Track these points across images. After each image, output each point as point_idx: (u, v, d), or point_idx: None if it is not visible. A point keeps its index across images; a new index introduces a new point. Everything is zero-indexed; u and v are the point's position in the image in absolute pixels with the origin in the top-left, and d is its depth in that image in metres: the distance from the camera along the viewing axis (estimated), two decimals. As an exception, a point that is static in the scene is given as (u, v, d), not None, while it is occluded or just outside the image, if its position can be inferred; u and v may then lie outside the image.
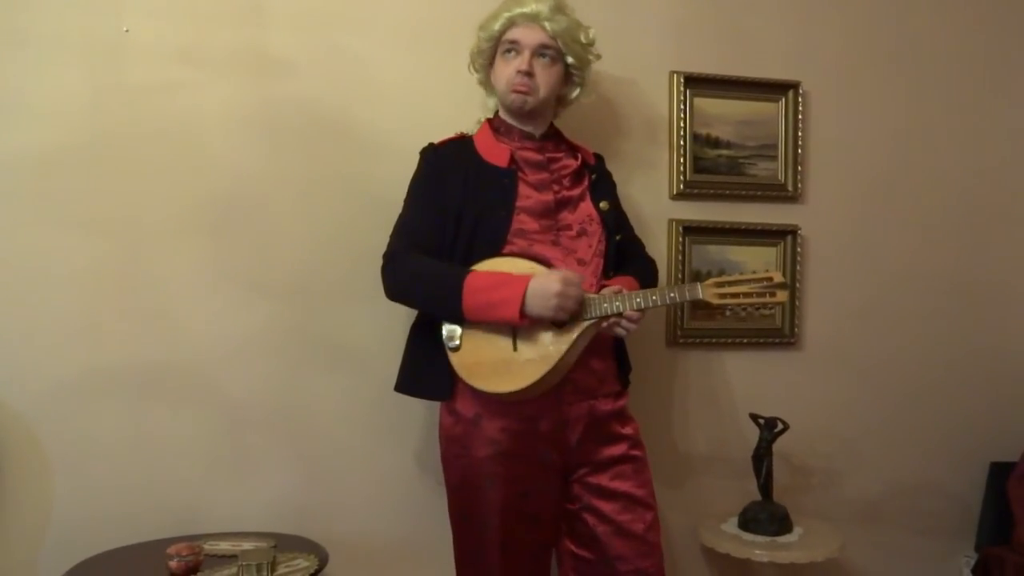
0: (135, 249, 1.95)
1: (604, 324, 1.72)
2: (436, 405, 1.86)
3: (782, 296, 1.71)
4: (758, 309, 1.71)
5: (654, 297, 1.70)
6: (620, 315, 1.71)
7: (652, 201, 2.26)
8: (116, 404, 1.93)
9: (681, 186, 2.28)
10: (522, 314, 1.64)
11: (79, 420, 1.91)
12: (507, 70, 1.82)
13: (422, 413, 2.04)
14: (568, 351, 1.69)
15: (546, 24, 1.80)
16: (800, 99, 2.34)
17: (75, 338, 1.91)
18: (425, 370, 1.81)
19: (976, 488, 2.52)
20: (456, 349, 1.73)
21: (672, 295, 1.72)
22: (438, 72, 2.08)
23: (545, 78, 1.82)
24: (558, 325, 1.69)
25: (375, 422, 2.07)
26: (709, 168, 2.31)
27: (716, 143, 2.31)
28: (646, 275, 1.96)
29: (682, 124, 2.27)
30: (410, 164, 1.88)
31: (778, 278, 1.71)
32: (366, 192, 2.05)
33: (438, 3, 2.11)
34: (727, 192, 2.32)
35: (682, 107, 2.27)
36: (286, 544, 1.81)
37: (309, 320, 2.04)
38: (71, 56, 1.91)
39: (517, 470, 1.75)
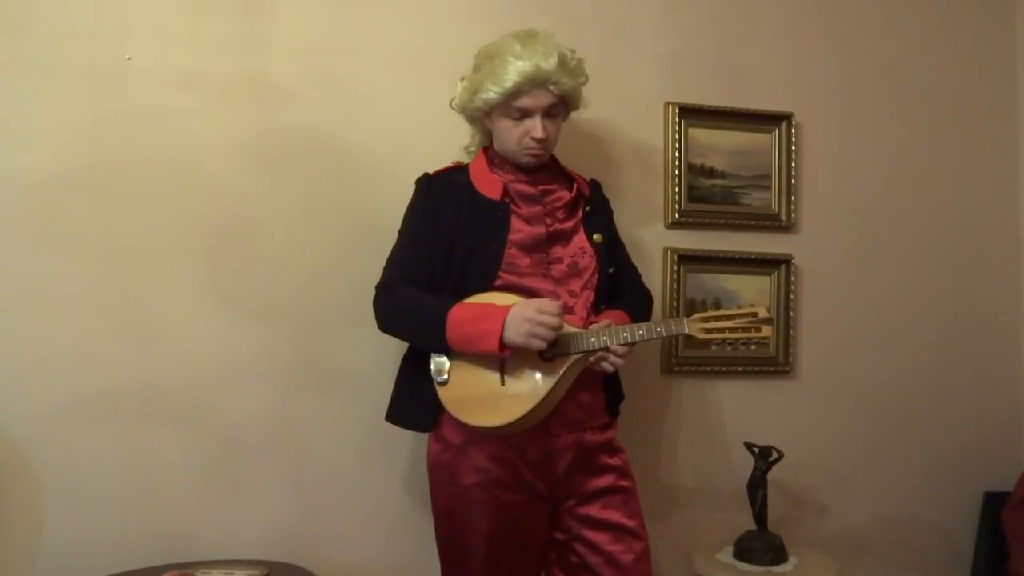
0: (132, 273, 1.96)
1: (591, 359, 1.72)
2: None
3: (766, 331, 1.72)
4: (743, 343, 1.72)
5: (640, 331, 1.70)
6: (607, 350, 1.71)
7: (647, 230, 2.28)
8: (110, 428, 1.93)
9: (676, 215, 2.30)
10: (502, 345, 1.64)
11: (73, 444, 1.91)
12: (516, 132, 1.79)
13: (415, 440, 2.03)
14: (555, 386, 1.69)
15: (553, 88, 1.76)
16: (793, 130, 2.38)
17: (70, 361, 1.91)
18: (411, 401, 1.82)
19: (970, 518, 2.52)
20: (444, 383, 1.73)
21: (659, 330, 1.73)
22: (437, 101, 2.09)
23: (554, 133, 1.82)
24: (545, 359, 1.70)
25: (369, 448, 2.07)
26: (704, 197, 2.33)
27: (710, 173, 2.34)
28: (638, 308, 1.94)
29: (677, 154, 2.30)
30: (407, 192, 1.89)
31: (763, 313, 1.72)
32: (363, 219, 2.07)
33: (437, 33, 2.15)
34: (721, 221, 2.34)
35: (677, 137, 2.30)
36: (278, 572, 1.80)
37: (304, 345, 2.05)
38: (74, 82, 1.93)
39: (503, 498, 1.74)
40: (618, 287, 1.93)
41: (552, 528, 1.83)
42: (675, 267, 2.28)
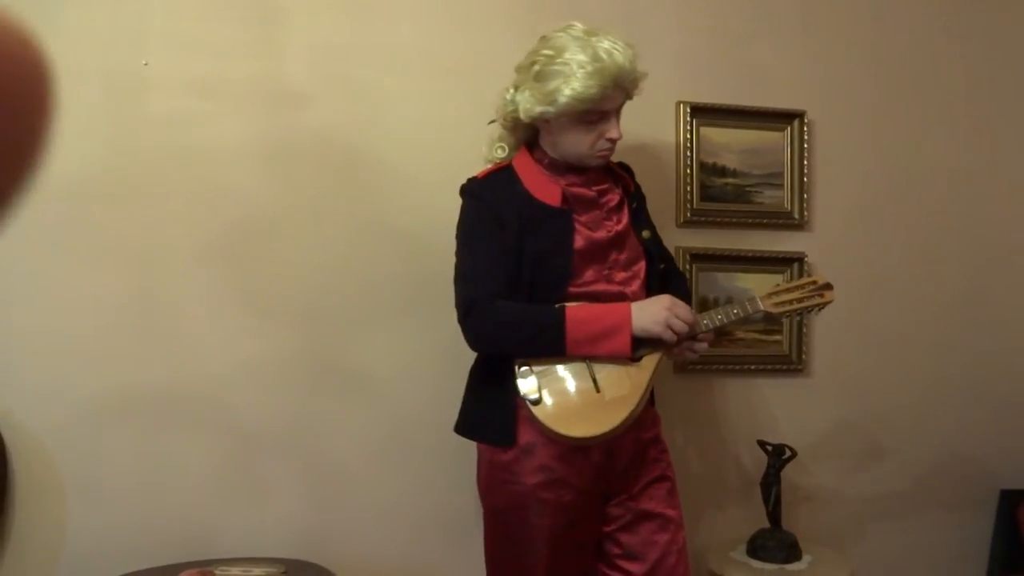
0: (150, 276, 1.99)
1: (675, 350, 1.74)
2: (448, 431, 1.86)
3: (830, 296, 1.77)
4: (809, 311, 1.78)
5: (719, 316, 1.75)
6: (693, 338, 1.74)
7: (660, 229, 2.26)
8: (130, 429, 1.96)
9: (688, 214, 2.30)
10: (632, 339, 1.66)
11: (94, 444, 1.94)
12: (590, 135, 1.73)
13: (434, 438, 2.05)
14: (649, 381, 1.70)
15: (629, 86, 1.74)
16: (805, 128, 2.37)
17: (90, 363, 1.94)
18: (489, 415, 1.76)
19: (986, 516, 2.51)
20: (537, 402, 1.68)
21: (736, 311, 1.77)
22: (451, 104, 2.12)
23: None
24: (633, 359, 1.70)
25: (386, 447, 2.09)
26: (716, 196, 2.33)
27: (723, 171, 2.34)
28: (688, 295, 1.97)
29: (689, 153, 2.30)
30: (422, 193, 1.91)
31: (822, 280, 1.79)
32: (378, 221, 2.09)
33: (450, 37, 2.16)
34: (734, 220, 2.34)
35: (689, 136, 2.30)
36: (297, 570, 1.82)
37: (321, 346, 2.07)
38: (91, 88, 1.96)
39: (566, 498, 1.72)
40: (670, 278, 1.94)
41: (602, 523, 1.83)
42: (688, 266, 2.29)
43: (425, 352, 2.04)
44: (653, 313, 1.67)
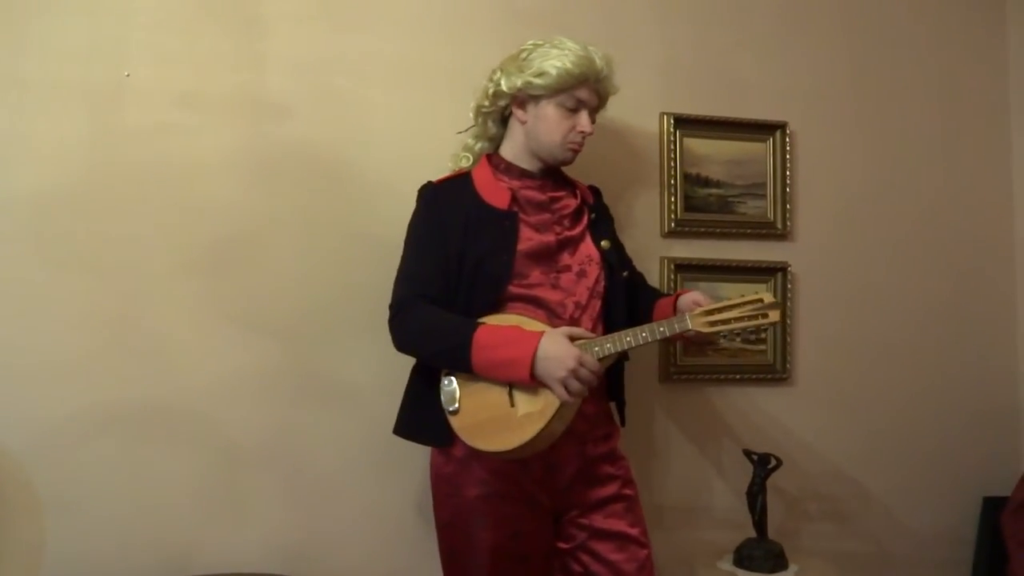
0: (131, 289, 1.96)
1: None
2: (430, 443, 1.86)
3: (775, 316, 1.64)
4: (755, 333, 1.67)
5: (644, 334, 1.67)
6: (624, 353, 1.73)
7: (644, 239, 2.29)
8: (110, 444, 1.93)
9: (672, 224, 2.31)
10: (532, 375, 1.62)
11: (73, 460, 1.91)
12: (564, 125, 1.80)
13: (416, 451, 2.03)
14: (564, 404, 1.64)
15: (600, 89, 1.83)
16: (788, 139, 2.39)
17: (70, 378, 1.92)
18: (425, 416, 1.77)
19: (969, 523, 2.52)
20: (455, 412, 1.70)
21: (661, 329, 1.68)
22: (434, 116, 2.12)
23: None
24: None
25: (370, 460, 2.07)
26: (699, 207, 2.34)
27: (706, 182, 2.35)
28: (658, 296, 2.00)
29: (672, 164, 2.31)
30: (405, 204, 1.89)
31: (768, 299, 1.65)
32: (361, 232, 2.08)
33: (433, 48, 2.16)
34: (717, 230, 2.35)
35: (672, 147, 2.31)
36: (278, 585, 1.80)
37: (304, 359, 2.05)
38: (72, 100, 1.94)
39: (506, 511, 1.73)
40: (639, 288, 1.95)
41: (555, 538, 1.82)
42: (672, 276, 2.29)
43: (409, 364, 2.03)
44: (554, 367, 1.59)
